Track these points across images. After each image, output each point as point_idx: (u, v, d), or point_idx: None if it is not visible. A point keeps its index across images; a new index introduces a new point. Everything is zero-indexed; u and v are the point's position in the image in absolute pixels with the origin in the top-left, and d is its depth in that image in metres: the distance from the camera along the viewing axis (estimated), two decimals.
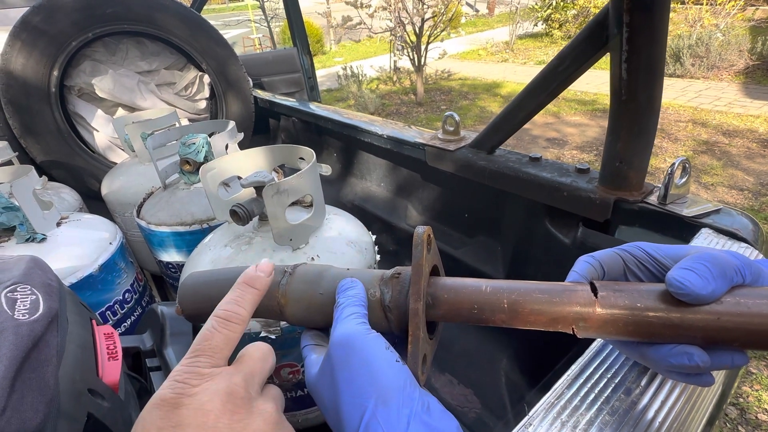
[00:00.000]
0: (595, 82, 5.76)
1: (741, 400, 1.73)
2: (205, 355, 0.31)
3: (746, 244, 0.58)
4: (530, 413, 0.37)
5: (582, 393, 0.38)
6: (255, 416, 0.30)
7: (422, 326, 0.35)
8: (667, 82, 5.36)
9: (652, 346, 0.34)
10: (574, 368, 0.41)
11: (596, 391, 0.38)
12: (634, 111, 0.66)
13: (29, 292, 0.48)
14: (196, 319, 0.47)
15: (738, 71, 5.29)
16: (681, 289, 0.30)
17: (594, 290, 0.34)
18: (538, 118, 4.88)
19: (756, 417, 1.65)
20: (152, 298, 1.20)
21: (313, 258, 0.76)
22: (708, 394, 0.45)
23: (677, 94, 4.99)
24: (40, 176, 1.23)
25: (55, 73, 1.46)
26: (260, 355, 0.35)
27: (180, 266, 1.10)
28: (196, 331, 0.75)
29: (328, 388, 0.33)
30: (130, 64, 1.72)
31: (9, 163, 1.26)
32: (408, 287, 0.38)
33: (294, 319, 0.42)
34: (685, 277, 0.31)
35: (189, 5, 2.14)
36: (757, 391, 1.75)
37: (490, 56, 8.32)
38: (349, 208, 1.57)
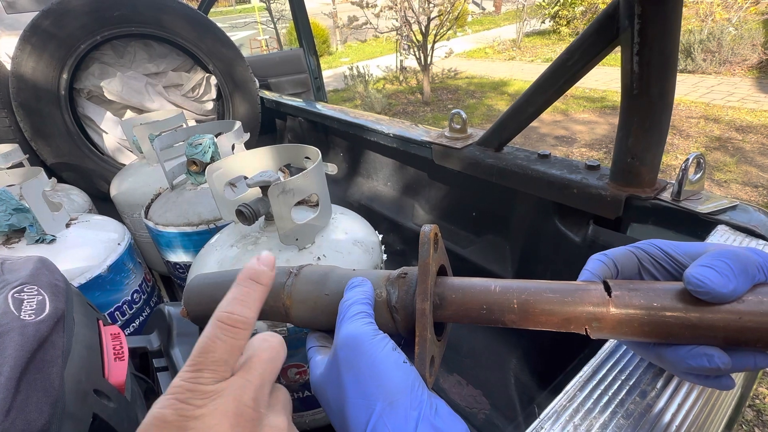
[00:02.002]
0: (604, 78, 5.69)
1: (757, 401, 1.69)
2: (208, 369, 0.27)
3: (764, 241, 0.56)
4: (541, 416, 0.36)
5: (595, 395, 0.37)
6: None
7: (429, 327, 0.34)
8: (678, 78, 5.22)
9: (669, 347, 0.32)
10: (587, 369, 0.40)
11: (610, 394, 0.37)
12: (646, 105, 0.64)
13: (36, 292, 0.48)
14: (202, 321, 0.46)
15: (751, 66, 5.18)
16: (700, 287, 0.29)
17: (608, 289, 0.33)
18: (546, 116, 4.83)
19: None
20: (161, 299, 1.21)
21: (319, 258, 0.76)
22: (727, 396, 0.43)
23: (689, 90, 4.90)
24: (50, 178, 1.25)
25: (65, 76, 1.48)
26: (269, 356, 0.30)
27: (188, 266, 1.10)
28: (202, 329, 0.75)
29: (334, 389, 0.33)
30: (138, 66, 1.73)
31: (20, 165, 1.27)
32: (415, 287, 0.37)
33: (299, 320, 0.42)
34: (704, 274, 0.29)
35: (197, 7, 2.15)
36: None
37: (497, 54, 8.26)
38: (356, 207, 1.56)
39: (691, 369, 0.31)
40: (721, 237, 0.58)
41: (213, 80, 1.87)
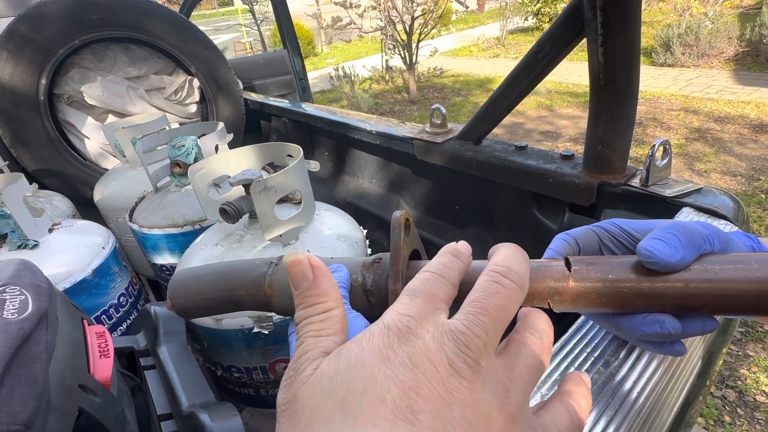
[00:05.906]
0: (587, 74, 5.77)
1: (739, 382, 1.74)
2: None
3: (726, 221, 0.59)
4: None
5: (562, 367, 0.39)
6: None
7: None
8: (658, 72, 5.38)
9: (625, 316, 0.34)
10: (556, 345, 0.42)
11: (576, 365, 0.39)
12: (613, 95, 0.67)
13: (18, 292, 0.48)
14: (186, 313, 0.47)
15: (728, 58, 5.31)
16: (651, 258, 0.31)
17: (568, 265, 0.35)
18: (532, 111, 4.90)
19: (754, 399, 1.66)
20: (148, 302, 1.21)
21: None
22: (686, 367, 0.46)
23: (668, 83, 5.00)
24: (31, 184, 1.24)
25: (44, 81, 1.46)
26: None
27: (174, 268, 1.10)
28: (188, 327, 0.75)
29: None
30: (118, 70, 1.72)
31: None
32: (388, 271, 0.38)
33: (280, 308, 0.43)
34: (654, 246, 0.31)
35: (178, 10, 2.14)
36: (754, 373, 1.76)
37: (482, 52, 8.33)
38: (343, 205, 1.57)
39: (646, 335, 0.33)
40: (685, 218, 0.61)
41: (196, 83, 1.87)
